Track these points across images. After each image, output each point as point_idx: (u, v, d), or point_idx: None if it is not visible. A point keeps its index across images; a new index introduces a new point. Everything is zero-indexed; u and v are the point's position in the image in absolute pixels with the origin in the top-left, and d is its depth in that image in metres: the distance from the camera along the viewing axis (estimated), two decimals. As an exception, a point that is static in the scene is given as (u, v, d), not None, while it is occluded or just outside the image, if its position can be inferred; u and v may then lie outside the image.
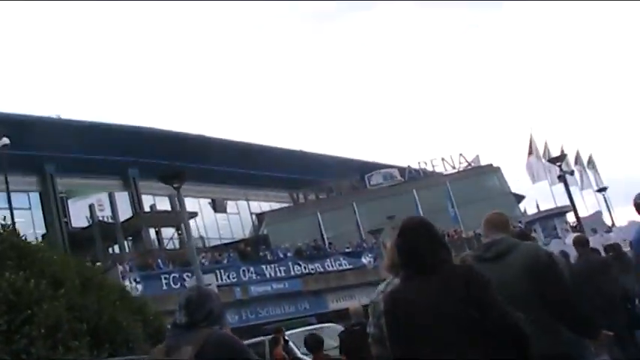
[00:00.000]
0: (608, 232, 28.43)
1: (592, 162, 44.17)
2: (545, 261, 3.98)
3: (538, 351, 3.38)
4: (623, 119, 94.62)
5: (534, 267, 3.89)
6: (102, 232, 33.01)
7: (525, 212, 43.67)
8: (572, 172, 38.71)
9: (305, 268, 31.21)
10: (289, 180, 43.92)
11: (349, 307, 9.46)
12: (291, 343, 13.60)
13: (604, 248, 12.91)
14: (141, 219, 34.93)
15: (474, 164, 45.94)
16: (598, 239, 21.53)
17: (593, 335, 4.14)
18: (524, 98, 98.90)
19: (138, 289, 24.15)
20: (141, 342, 6.61)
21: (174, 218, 33.75)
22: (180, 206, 19.19)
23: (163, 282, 26.41)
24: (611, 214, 37.94)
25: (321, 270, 31.67)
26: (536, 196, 63.38)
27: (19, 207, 31.54)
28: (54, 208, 34.12)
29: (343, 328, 10.41)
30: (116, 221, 34.13)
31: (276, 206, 45.68)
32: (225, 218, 44.09)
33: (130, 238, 35.80)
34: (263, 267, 30.20)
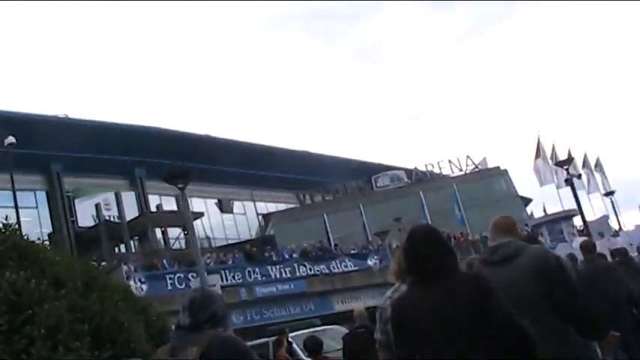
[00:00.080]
0: (615, 236, 28.33)
1: (600, 165, 44.03)
2: (552, 263, 3.96)
3: (545, 354, 3.38)
4: (631, 123, 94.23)
5: (542, 269, 3.87)
6: (108, 232, 33.02)
7: (532, 215, 43.59)
8: (580, 176, 38.59)
9: (310, 269, 31.15)
10: (296, 181, 43.91)
11: (353, 310, 9.41)
12: (294, 345, 13.57)
13: (610, 252, 12.85)
14: (147, 219, 34.93)
15: (481, 167, 45.90)
16: (605, 243, 21.45)
17: (601, 336, 4.13)
18: (532, 101, 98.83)
19: (143, 290, 24.13)
20: (143, 343, 6.57)
21: (180, 218, 33.67)
22: (184, 207, 19.08)
23: (168, 282, 26.37)
24: (618, 218, 37.85)
25: (326, 271, 31.61)
26: (544, 199, 63.46)
27: (25, 206, 31.60)
28: (60, 207, 34.17)
29: (347, 331, 10.36)
30: (122, 221, 34.14)
31: (282, 207, 45.73)
32: (231, 219, 44.04)
33: (136, 237, 35.82)
34: (268, 268, 30.17)
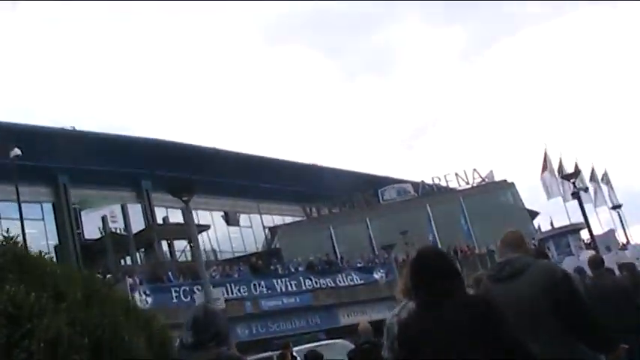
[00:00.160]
0: (623, 249, 28.14)
1: (607, 178, 43.76)
2: (560, 277, 3.95)
3: None
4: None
5: (550, 284, 3.86)
6: (114, 244, 33.05)
7: (539, 228, 43.32)
8: (587, 189, 38.35)
9: (316, 282, 31.07)
10: (302, 194, 43.89)
11: (358, 325, 9.32)
12: (299, 359, 13.53)
13: (618, 267, 12.78)
14: (153, 231, 34.95)
15: (487, 180, 45.68)
16: (612, 257, 21.32)
17: (610, 350, 4.09)
18: (539, 113, 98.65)
19: (147, 302, 24.10)
20: (144, 356, 6.48)
21: (186, 231, 33.67)
22: (189, 219, 19.07)
23: (173, 295, 26.32)
24: (625, 232, 37.62)
25: (332, 285, 31.50)
26: (551, 212, 62.90)
27: (32, 218, 31.71)
28: (67, 219, 34.24)
29: (352, 345, 10.28)
30: (129, 233, 34.18)
31: (289, 220, 45.67)
32: (237, 231, 44.00)
33: (143, 250, 35.83)
34: (274, 281, 30.09)
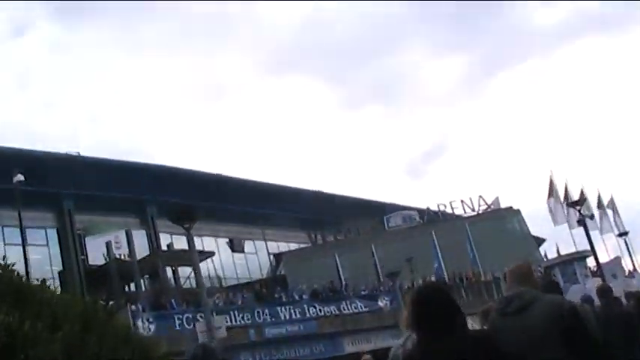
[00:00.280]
0: (630, 277, 27.96)
1: (613, 205, 43.59)
2: (568, 310, 3.90)
3: None
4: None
5: (557, 315, 3.83)
6: (119, 270, 32.94)
7: (546, 255, 43.09)
8: (592, 216, 38.16)
9: (320, 310, 30.82)
10: (308, 220, 43.84)
11: (362, 358, 9.22)
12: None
13: (625, 295, 12.67)
14: (158, 257, 34.89)
15: (493, 207, 45.65)
16: (620, 284, 21.21)
17: None
18: (544, 139, 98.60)
19: (150, 329, 23.96)
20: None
21: (190, 257, 33.68)
22: (191, 246, 19.03)
23: (176, 322, 26.13)
24: (632, 259, 37.37)
25: (336, 312, 31.25)
26: (557, 239, 62.51)
27: (36, 243, 31.75)
28: (71, 244, 34.20)
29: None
30: (133, 259, 34.09)
31: (294, 246, 45.59)
32: (242, 258, 43.90)
33: (147, 276, 35.73)
34: (278, 308, 29.88)
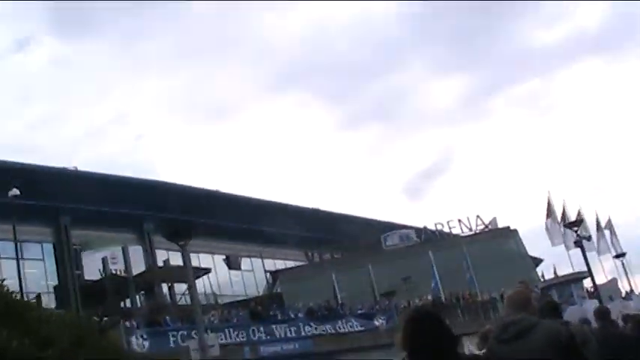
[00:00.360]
0: (627, 299, 27.88)
1: (610, 226, 43.67)
2: (566, 337, 3.91)
3: None
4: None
5: (555, 341, 3.82)
6: (114, 286, 32.88)
7: (543, 276, 43.05)
8: (590, 237, 38.17)
9: (316, 328, 30.68)
10: (305, 238, 43.76)
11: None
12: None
13: (622, 317, 12.66)
14: (154, 274, 34.80)
15: (491, 227, 45.62)
16: (616, 306, 21.17)
17: None
18: (543, 160, 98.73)
19: (145, 346, 23.85)
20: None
21: (187, 274, 33.59)
22: (186, 263, 18.97)
23: (171, 339, 25.97)
24: (629, 281, 37.28)
25: (332, 331, 31.12)
26: (554, 259, 62.68)
27: (32, 257, 31.69)
28: (67, 259, 34.07)
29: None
30: (129, 275, 34.02)
31: (290, 264, 45.52)
32: (239, 275, 43.82)
33: (143, 292, 35.61)
34: (273, 327, 29.73)
